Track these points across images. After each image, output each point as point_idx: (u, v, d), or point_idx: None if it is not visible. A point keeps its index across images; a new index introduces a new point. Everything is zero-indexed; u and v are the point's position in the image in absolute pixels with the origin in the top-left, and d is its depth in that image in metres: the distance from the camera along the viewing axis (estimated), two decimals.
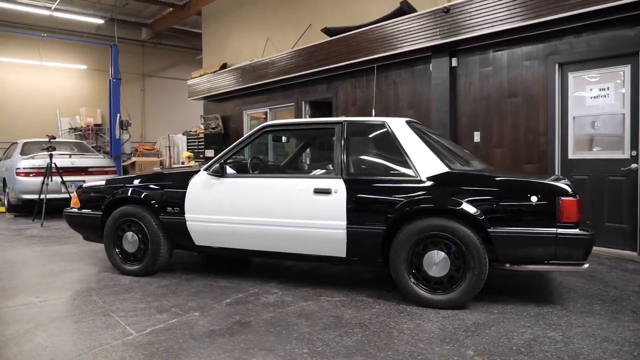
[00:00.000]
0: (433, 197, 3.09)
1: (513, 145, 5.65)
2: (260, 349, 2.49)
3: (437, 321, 2.87)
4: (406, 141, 3.31)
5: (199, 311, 3.10)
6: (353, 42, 7.10)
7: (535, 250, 2.95)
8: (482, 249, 2.99)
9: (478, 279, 3.00)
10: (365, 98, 7.49)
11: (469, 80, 6.06)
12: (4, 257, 4.85)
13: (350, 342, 2.56)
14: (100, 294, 3.50)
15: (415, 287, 3.15)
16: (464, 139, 6.13)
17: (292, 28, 9.16)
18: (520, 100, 5.56)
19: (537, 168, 5.42)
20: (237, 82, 9.71)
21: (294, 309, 3.13)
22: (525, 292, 3.50)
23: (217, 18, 11.59)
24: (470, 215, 2.99)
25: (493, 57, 5.80)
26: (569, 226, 2.87)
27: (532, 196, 2.93)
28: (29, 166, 7.53)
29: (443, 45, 5.97)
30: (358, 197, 3.26)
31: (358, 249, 3.32)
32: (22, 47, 12.85)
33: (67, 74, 14.30)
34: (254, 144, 3.95)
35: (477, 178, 3.16)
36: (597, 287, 3.59)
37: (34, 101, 13.61)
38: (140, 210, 3.95)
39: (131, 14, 14.00)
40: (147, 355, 2.41)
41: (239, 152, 3.82)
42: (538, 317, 2.93)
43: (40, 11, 12.04)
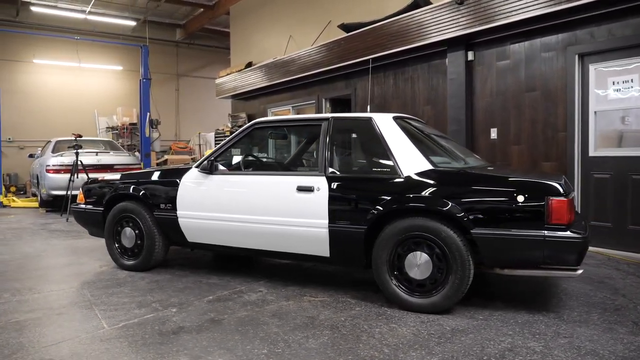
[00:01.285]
0: (412, 195, 2.95)
1: (531, 142, 5.35)
2: (220, 347, 2.45)
3: (414, 326, 2.74)
4: (391, 137, 3.18)
5: (177, 307, 3.10)
6: (369, 38, 6.97)
7: (522, 254, 2.76)
8: (466, 251, 2.82)
9: (461, 283, 2.83)
10: (383, 95, 7.34)
11: (485, 74, 5.80)
12: (21, 249, 5.08)
13: (314, 345, 2.48)
14: (92, 288, 3.58)
15: (397, 289, 3.02)
16: (480, 136, 5.87)
17: (313, 25, 9.11)
18: (538, 94, 5.26)
19: (555, 166, 5.11)
20: (261, 80, 9.77)
21: (271, 308, 3.07)
22: (521, 297, 3.29)
23: (243, 17, 11.71)
24: (451, 215, 2.84)
25: (510, 50, 5.51)
26: (559, 228, 2.66)
27: (519, 195, 2.73)
28: (57, 163, 7.87)
29: (459, 38, 5.74)
30: (339, 195, 3.17)
31: (341, 249, 3.22)
32: (63, 50, 13.48)
33: (104, 75, 14.89)
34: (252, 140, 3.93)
35: (461, 176, 2.99)
36: (603, 294, 3.32)
37: (74, 101, 14.25)
38: (136, 206, 4.02)
39: (164, 15, 14.40)
40: (108, 349, 2.43)
41: (230, 149, 3.81)
42: (524, 325, 2.74)
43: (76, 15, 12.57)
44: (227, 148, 3.79)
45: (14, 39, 12.86)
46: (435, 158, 3.23)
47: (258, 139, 6.38)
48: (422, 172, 3.00)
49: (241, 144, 3.86)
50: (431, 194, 2.90)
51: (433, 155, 3.27)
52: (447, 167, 3.17)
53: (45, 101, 13.83)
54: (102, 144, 9.18)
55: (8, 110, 13.04)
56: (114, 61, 14.71)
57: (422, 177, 2.98)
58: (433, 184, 2.93)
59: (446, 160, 3.43)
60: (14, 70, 13.27)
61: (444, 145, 3.72)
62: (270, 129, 3.86)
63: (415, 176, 3.00)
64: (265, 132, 4.15)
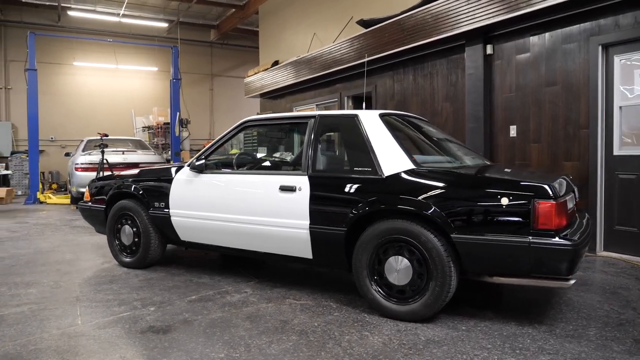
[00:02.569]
0: (390, 196, 2.79)
1: (551, 140, 5.00)
2: (179, 349, 2.41)
3: (388, 335, 2.59)
4: (374, 135, 3.02)
5: (156, 306, 3.09)
6: (386, 33, 6.78)
7: (505, 261, 2.54)
8: (447, 256, 2.64)
9: (441, 291, 2.65)
10: (402, 92, 7.12)
11: (504, 68, 5.48)
12: (37, 244, 5.28)
13: (275, 351, 2.39)
14: (84, 284, 3.64)
15: (377, 295, 2.87)
16: (499, 134, 5.57)
17: (336, 22, 8.99)
18: (559, 89, 4.91)
19: (577, 166, 4.76)
20: (285, 78, 9.76)
21: (248, 310, 3.00)
22: (516, 307, 3.06)
23: (271, 16, 11.74)
24: (431, 218, 2.66)
25: (530, 42, 5.18)
26: (546, 234, 2.43)
27: (502, 198, 2.52)
28: (85, 162, 8.17)
29: (477, 30, 5.45)
30: (320, 195, 3.06)
31: (323, 251, 3.11)
32: (101, 52, 14.03)
33: (141, 75, 15.36)
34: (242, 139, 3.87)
35: (443, 176, 2.79)
36: (611, 306, 3.03)
37: (112, 102, 14.80)
38: (134, 204, 4.06)
39: (197, 16, 14.68)
40: (71, 347, 2.44)
41: (221, 147, 3.77)
42: (508, 338, 2.53)
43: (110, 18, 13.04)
44: (218, 147, 3.75)
45: (56, 43, 13.49)
46: (422, 157, 3.06)
47: (249, 137, 6.34)
48: (403, 171, 2.84)
49: (232, 142, 3.82)
50: (410, 195, 2.73)
51: (423, 154, 3.10)
52: (434, 166, 2.98)
53: (85, 102, 14.45)
54: (130, 143, 9.46)
55: (50, 110, 13.74)
56: (149, 62, 15.15)
57: (402, 177, 2.82)
58: (413, 184, 2.76)
59: (438, 160, 3.24)
60: (56, 72, 13.93)
61: (441, 144, 3.53)
62: (260, 127, 3.80)
63: (395, 176, 2.84)
64: (255, 131, 4.09)
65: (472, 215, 2.59)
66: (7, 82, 13.31)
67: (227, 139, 3.74)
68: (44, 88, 13.34)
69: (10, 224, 6.82)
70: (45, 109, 13.50)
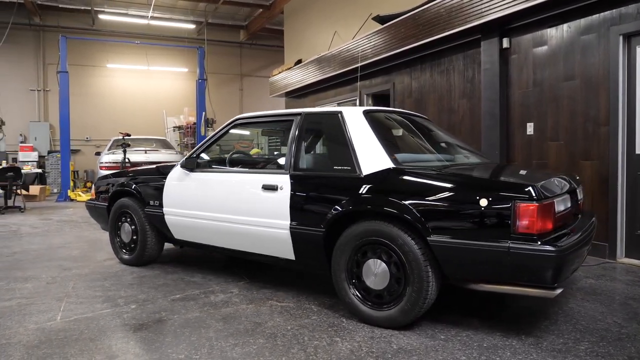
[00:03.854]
0: (366, 196, 2.66)
1: (570, 138, 4.69)
2: (142, 348, 2.38)
3: (359, 342, 2.47)
4: (356, 133, 2.90)
5: (138, 304, 3.09)
6: (402, 29, 6.59)
7: (484, 267, 2.37)
8: (424, 260, 2.48)
9: (417, 297, 2.50)
10: (420, 89, 6.91)
11: (521, 62, 5.20)
12: (52, 240, 5.45)
13: (237, 354, 2.32)
14: (78, 280, 3.70)
15: (355, 299, 2.75)
16: (516, 132, 5.28)
17: (356, 19, 8.85)
18: (577, 83, 4.60)
19: (596, 166, 4.44)
20: (307, 77, 9.72)
21: (226, 311, 2.95)
22: (508, 315, 2.85)
23: (295, 15, 11.73)
24: (407, 220, 2.51)
25: (547, 34, 4.88)
26: (527, 239, 2.24)
27: (482, 199, 2.34)
28: (109, 160, 8.41)
29: (492, 23, 5.19)
30: (300, 194, 2.96)
31: (303, 252, 3.02)
32: (133, 54, 14.45)
33: (171, 76, 15.72)
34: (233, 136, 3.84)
35: (421, 175, 2.63)
36: (615, 319, 2.78)
37: (144, 102, 15.22)
38: (132, 202, 4.10)
39: (226, 17, 14.87)
40: (41, 341, 2.46)
41: (212, 146, 3.74)
42: (487, 350, 2.35)
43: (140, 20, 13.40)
44: (210, 145, 3.73)
45: (90, 46, 14.01)
46: (408, 156, 2.92)
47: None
48: (381, 170, 2.70)
49: (223, 140, 3.78)
50: (385, 195, 2.60)
51: (412, 153, 2.94)
52: (418, 165, 2.83)
53: (118, 102, 14.93)
54: (154, 142, 9.66)
55: (86, 111, 14.28)
56: (180, 64, 15.48)
57: (380, 177, 2.68)
58: (389, 184, 2.63)
59: (426, 159, 3.08)
60: (90, 74, 14.46)
61: (435, 142, 3.36)
62: (251, 125, 3.74)
63: (373, 175, 2.71)
64: (247, 128, 4.05)
65: (450, 217, 2.42)
66: (46, 85, 13.93)
67: (219, 137, 3.71)
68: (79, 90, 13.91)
69: (35, 221, 7.10)
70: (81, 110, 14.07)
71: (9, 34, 11.95)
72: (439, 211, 2.45)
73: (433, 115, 6.56)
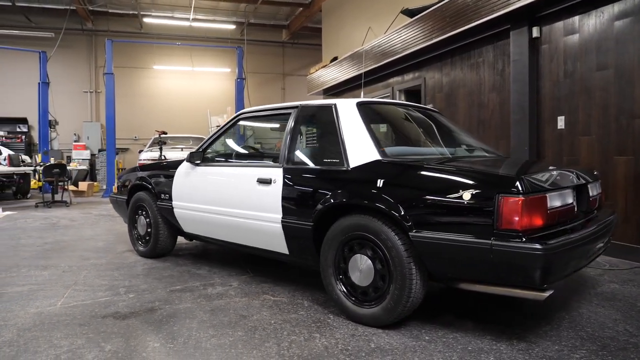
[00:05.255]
0: (351, 189, 2.58)
1: (602, 132, 4.35)
2: (121, 335, 2.43)
3: (338, 339, 2.39)
4: (346, 125, 2.82)
5: (137, 294, 3.17)
6: (430, 21, 6.39)
7: (467, 265, 2.22)
8: (407, 256, 2.37)
9: (400, 294, 2.39)
10: (450, 83, 6.67)
11: (551, 53, 4.88)
12: (83, 233, 5.73)
13: (211, 345, 2.31)
14: (92, 270, 3.86)
15: (342, 295, 2.68)
16: (546, 126, 4.97)
17: (390, 14, 8.69)
18: (610, 73, 4.25)
19: (631, 162, 4.09)
20: (342, 74, 9.67)
21: (218, 303, 2.96)
22: (507, 318, 2.66)
23: (333, 13, 11.70)
24: (389, 214, 2.41)
25: (579, 21, 4.55)
26: (511, 236, 2.07)
27: (465, 192, 2.20)
28: (147, 157, 8.74)
29: (521, 11, 4.91)
30: (291, 188, 2.92)
31: (295, 246, 2.97)
32: (178, 56, 14.98)
33: (215, 77, 16.14)
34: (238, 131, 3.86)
35: (406, 168, 2.51)
36: (626, 327, 2.53)
37: (189, 102, 15.73)
38: (147, 196, 4.22)
39: (268, 17, 15.07)
40: (34, 324, 2.57)
41: (218, 140, 3.78)
42: (470, 354, 2.20)
43: (183, 23, 13.85)
44: (216, 139, 3.77)
45: (138, 49, 14.66)
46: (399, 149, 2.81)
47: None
48: (367, 163, 2.61)
49: (229, 134, 3.81)
50: (369, 188, 2.51)
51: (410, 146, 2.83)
52: (408, 158, 2.70)
53: (164, 103, 15.52)
54: (190, 140, 9.94)
55: (134, 112, 14.94)
56: (223, 64, 15.86)
57: (365, 169, 2.59)
58: (373, 176, 2.53)
59: (423, 152, 2.96)
60: (138, 76, 15.13)
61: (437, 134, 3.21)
62: (254, 119, 3.74)
63: (359, 168, 2.62)
64: (251, 122, 4.05)
65: (433, 211, 2.29)
66: (97, 87, 14.73)
67: (224, 131, 3.75)
68: (127, 91, 14.59)
69: (76, 214, 7.50)
70: (129, 111, 14.75)
71: (64, 38, 12.73)
72: (422, 205, 2.32)
73: (463, 110, 6.31)
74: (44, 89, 10.62)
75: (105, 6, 13.41)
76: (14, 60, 13.73)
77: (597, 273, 3.68)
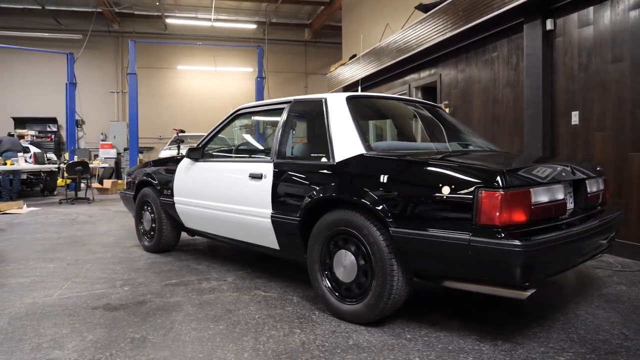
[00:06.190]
0: (334, 184, 2.54)
1: (617, 127, 4.16)
2: (105, 326, 2.47)
3: (318, 335, 2.36)
4: (335, 120, 2.78)
5: (131, 287, 3.22)
6: (443, 16, 6.26)
7: (445, 262, 2.16)
8: (389, 252, 2.32)
9: (381, 291, 2.34)
10: (465, 79, 6.52)
11: (566, 46, 4.70)
12: (97, 228, 5.87)
13: (188, 338, 2.32)
14: (95, 263, 3.95)
15: (327, 291, 2.64)
16: (560, 121, 4.79)
17: (407, 10, 8.57)
18: (626, 65, 4.06)
19: None
20: (360, 71, 9.62)
21: (208, 297, 2.98)
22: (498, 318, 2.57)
23: (352, 10, 11.64)
24: (370, 208, 2.36)
25: (593, 12, 4.36)
26: (489, 231, 1.99)
27: (444, 186, 2.13)
28: (165, 156, 8.89)
29: (535, 2, 4.74)
30: (280, 182, 2.91)
31: (284, 242, 2.96)
32: (201, 56, 15.21)
33: (238, 76, 16.30)
34: None
35: (389, 162, 2.45)
36: (623, 330, 2.39)
37: (213, 101, 15.95)
38: (151, 191, 4.29)
39: (290, 16, 15.13)
40: (26, 313, 2.64)
41: (217, 136, 3.81)
42: (448, 354, 2.13)
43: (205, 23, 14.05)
44: (215, 135, 3.80)
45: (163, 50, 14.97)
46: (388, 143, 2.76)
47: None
48: (351, 157, 2.57)
49: (227, 130, 3.83)
50: (351, 182, 2.46)
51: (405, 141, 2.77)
52: (395, 153, 2.64)
53: (188, 102, 15.79)
54: None
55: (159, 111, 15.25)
56: (246, 64, 16.00)
57: (349, 164, 2.55)
58: (356, 171, 2.49)
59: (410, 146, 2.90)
60: (163, 76, 15.45)
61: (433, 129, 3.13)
62: (252, 114, 3.74)
63: (344, 162, 2.58)
64: (249, 118, 4.05)
65: (413, 206, 2.23)
66: (124, 87, 15.11)
67: (222, 126, 3.77)
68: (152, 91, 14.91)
69: (95, 211, 7.71)
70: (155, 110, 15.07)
71: (91, 40, 13.12)
72: (402, 200, 2.27)
73: (478, 106, 6.16)
74: (71, 89, 10.96)
75: (130, 8, 13.75)
76: (44, 62, 14.24)
77: (607, 274, 3.51)
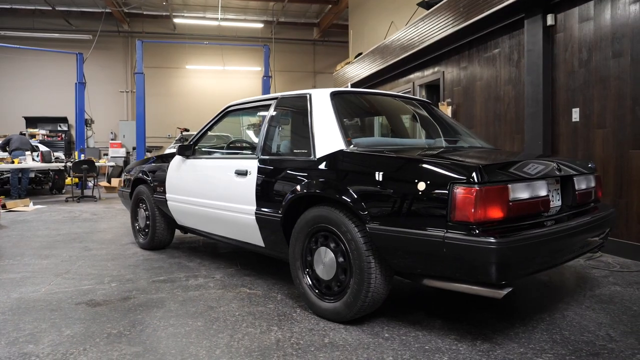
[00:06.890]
0: (313, 180, 2.51)
1: (617, 124, 4.05)
2: (84, 322, 2.47)
3: (294, 333, 2.33)
4: (317, 115, 2.75)
5: (119, 283, 3.23)
6: (445, 12, 6.18)
7: (420, 259, 2.11)
8: (366, 249, 2.28)
9: (359, 289, 2.30)
10: (467, 77, 6.44)
11: (566, 41, 4.60)
12: (97, 225, 5.92)
13: (165, 333, 2.31)
14: (88, 260, 3.97)
15: (307, 288, 2.61)
16: (561, 119, 4.69)
17: (410, 7, 8.49)
18: (626, 61, 3.95)
19: None
20: (365, 70, 9.56)
21: (192, 294, 2.97)
22: (481, 320, 2.51)
23: (359, 8, 11.59)
24: (347, 205, 2.32)
25: (593, 6, 4.26)
26: (464, 228, 1.95)
27: (419, 182, 2.09)
28: None
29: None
30: (263, 179, 2.89)
31: (268, 239, 2.94)
32: (210, 56, 15.28)
33: (246, 75, 16.35)
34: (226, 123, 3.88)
35: (367, 158, 2.41)
36: (610, 332, 2.32)
37: (221, 100, 15.96)
38: (145, 189, 4.31)
39: (298, 15, 15.12)
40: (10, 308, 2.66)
41: (207, 133, 3.80)
42: (423, 353, 2.09)
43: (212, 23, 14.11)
44: (205, 132, 3.79)
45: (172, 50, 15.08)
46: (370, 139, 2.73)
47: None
48: (331, 153, 2.53)
49: (217, 127, 3.82)
50: (329, 178, 2.43)
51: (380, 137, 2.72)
52: (377, 148, 2.60)
53: (197, 102, 15.88)
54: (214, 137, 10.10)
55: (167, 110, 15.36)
56: (254, 63, 16.05)
57: (329, 159, 2.52)
58: (336, 167, 2.45)
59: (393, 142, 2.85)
60: (172, 75, 15.55)
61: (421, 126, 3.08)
62: (242, 111, 3.72)
63: (324, 158, 2.55)
64: (239, 114, 4.03)
65: (389, 202, 2.19)
66: (133, 87, 15.24)
67: (213, 123, 3.77)
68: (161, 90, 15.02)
69: (99, 209, 7.78)
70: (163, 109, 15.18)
71: (101, 40, 13.27)
72: (378, 196, 2.23)
73: (480, 104, 6.07)
74: (81, 89, 11.09)
75: (139, 8, 13.87)
76: (55, 62, 14.45)
77: (603, 274, 3.42)
